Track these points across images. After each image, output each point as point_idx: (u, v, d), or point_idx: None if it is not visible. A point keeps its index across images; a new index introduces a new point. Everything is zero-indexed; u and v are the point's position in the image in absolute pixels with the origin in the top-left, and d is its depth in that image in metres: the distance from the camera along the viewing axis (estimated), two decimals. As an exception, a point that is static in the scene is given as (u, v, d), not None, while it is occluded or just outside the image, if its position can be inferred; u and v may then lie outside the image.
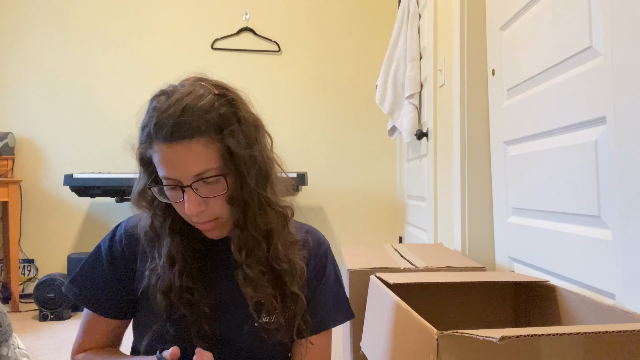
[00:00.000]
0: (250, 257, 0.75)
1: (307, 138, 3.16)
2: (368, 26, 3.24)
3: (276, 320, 0.77)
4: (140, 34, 3.11)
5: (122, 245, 0.82)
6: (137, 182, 0.77)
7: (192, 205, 0.68)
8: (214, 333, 0.77)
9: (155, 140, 0.68)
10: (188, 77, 0.75)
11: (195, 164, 0.67)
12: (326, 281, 0.85)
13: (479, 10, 1.63)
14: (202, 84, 0.72)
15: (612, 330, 0.57)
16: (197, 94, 0.69)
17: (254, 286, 0.75)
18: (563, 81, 1.11)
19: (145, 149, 0.71)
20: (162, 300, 0.74)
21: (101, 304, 0.81)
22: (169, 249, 0.76)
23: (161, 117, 0.67)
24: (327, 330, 0.84)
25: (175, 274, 0.75)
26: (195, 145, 0.67)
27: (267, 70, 3.18)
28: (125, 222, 0.86)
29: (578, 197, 1.04)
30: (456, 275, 1.04)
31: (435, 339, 0.57)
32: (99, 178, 2.55)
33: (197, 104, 0.68)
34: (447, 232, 1.85)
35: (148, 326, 0.78)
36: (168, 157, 0.67)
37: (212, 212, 0.72)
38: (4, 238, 2.91)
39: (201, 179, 0.68)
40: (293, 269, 0.78)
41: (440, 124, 1.96)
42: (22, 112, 3.01)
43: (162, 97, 0.70)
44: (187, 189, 0.68)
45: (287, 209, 0.79)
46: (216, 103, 0.69)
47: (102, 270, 0.82)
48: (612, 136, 0.91)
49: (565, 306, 0.93)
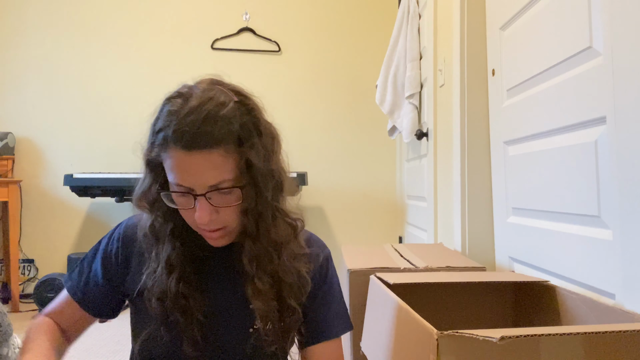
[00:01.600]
0: (261, 269, 0.74)
1: (307, 138, 3.16)
2: (368, 26, 3.24)
3: (270, 329, 0.76)
4: (140, 34, 3.11)
5: (118, 244, 0.82)
6: (140, 182, 0.75)
7: (203, 214, 0.67)
8: (206, 340, 0.76)
9: (172, 145, 0.65)
10: (203, 79, 0.73)
11: (212, 173, 0.66)
12: (328, 289, 0.85)
13: (479, 10, 1.63)
14: (221, 89, 0.69)
15: (612, 330, 0.57)
16: (218, 101, 0.66)
17: (263, 299, 0.74)
18: (563, 81, 1.11)
19: (157, 152, 0.68)
20: (157, 304, 0.74)
21: (89, 303, 0.82)
22: (168, 256, 0.75)
23: (182, 123, 0.64)
24: (333, 340, 0.83)
25: (173, 280, 0.74)
26: (214, 155, 0.65)
27: (267, 70, 3.18)
28: (126, 222, 0.85)
29: (578, 197, 1.04)
30: (456, 275, 1.04)
31: (435, 339, 0.57)
32: (99, 178, 2.55)
33: (218, 112, 0.65)
34: (447, 232, 1.85)
35: (143, 328, 0.78)
36: (184, 164, 0.65)
37: (222, 221, 0.71)
38: (4, 238, 2.91)
39: (216, 189, 0.67)
40: (298, 282, 0.78)
41: (440, 124, 1.96)
42: (22, 112, 3.01)
43: (178, 99, 0.67)
44: (200, 197, 0.67)
45: (297, 220, 0.79)
46: (237, 112, 0.67)
47: (95, 267, 0.83)
48: (612, 136, 0.91)
49: (565, 306, 0.93)
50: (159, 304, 0.74)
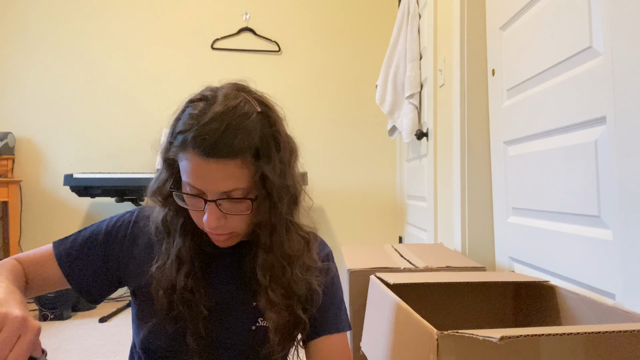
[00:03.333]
0: (274, 281, 0.75)
1: (307, 138, 3.16)
2: (368, 26, 3.24)
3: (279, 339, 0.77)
4: (140, 34, 3.11)
5: (126, 231, 0.82)
6: (156, 176, 0.76)
7: (211, 219, 0.68)
8: (209, 334, 0.77)
9: (190, 149, 0.65)
10: (227, 83, 0.73)
11: (225, 182, 0.66)
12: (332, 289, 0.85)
13: (479, 10, 1.63)
14: (245, 98, 0.70)
15: (612, 330, 0.57)
16: (242, 111, 0.67)
17: (276, 311, 0.74)
18: (563, 81, 1.11)
19: (175, 152, 0.69)
20: (163, 297, 0.75)
21: (76, 277, 0.79)
22: (178, 250, 0.76)
23: (203, 129, 0.64)
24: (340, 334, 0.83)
25: (181, 274, 0.75)
26: (231, 165, 0.65)
27: (267, 70, 3.18)
28: (139, 210, 0.85)
29: (578, 197, 1.04)
30: (456, 275, 1.04)
31: (435, 339, 0.57)
32: (99, 178, 2.55)
33: (241, 123, 0.65)
34: (447, 232, 1.85)
35: (147, 321, 0.78)
36: (199, 169, 0.66)
37: (229, 227, 0.71)
38: (4, 238, 2.91)
39: (227, 197, 0.68)
40: (308, 294, 0.78)
41: (440, 124, 1.96)
42: (22, 112, 3.01)
43: (201, 103, 0.68)
44: (211, 202, 0.68)
45: (310, 234, 0.80)
46: (259, 125, 0.68)
47: (94, 248, 0.81)
48: (612, 136, 0.91)
49: (565, 306, 0.93)
50: (165, 296, 0.75)
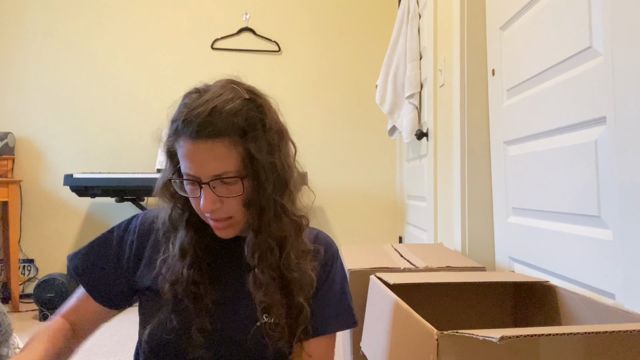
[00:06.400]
0: (263, 261, 0.77)
1: (307, 138, 3.16)
2: (368, 26, 3.24)
3: (278, 324, 0.77)
4: (140, 34, 3.11)
5: (134, 236, 0.85)
6: (162, 174, 0.81)
7: (207, 202, 0.71)
8: (215, 328, 0.77)
9: (181, 135, 0.70)
10: (221, 78, 0.78)
11: (215, 163, 0.70)
12: (330, 285, 0.85)
13: (479, 10, 1.63)
14: (234, 87, 0.74)
15: (612, 330, 0.57)
16: (227, 97, 0.72)
17: (264, 290, 0.76)
18: (563, 81, 1.11)
19: (172, 142, 0.74)
20: (169, 290, 0.77)
21: (96, 287, 0.84)
22: (182, 241, 0.79)
23: (190, 114, 0.70)
24: (327, 335, 0.83)
25: (185, 266, 0.77)
26: (217, 145, 0.69)
27: (267, 70, 3.18)
28: (143, 215, 0.88)
29: (578, 197, 1.04)
30: (456, 275, 1.04)
31: (435, 339, 0.57)
32: (99, 178, 2.55)
33: (225, 106, 0.70)
34: (447, 232, 1.85)
35: (153, 317, 0.79)
36: (191, 153, 0.70)
37: (226, 211, 0.74)
38: (4, 238, 2.91)
39: (219, 179, 0.71)
40: (303, 278, 0.79)
41: (440, 124, 1.96)
42: (22, 112, 3.01)
43: (194, 94, 0.73)
44: (205, 186, 0.71)
45: (302, 218, 0.81)
46: (244, 107, 0.72)
47: (108, 255, 0.85)
48: (612, 136, 0.91)
49: (565, 306, 0.93)
50: (170, 289, 0.77)
